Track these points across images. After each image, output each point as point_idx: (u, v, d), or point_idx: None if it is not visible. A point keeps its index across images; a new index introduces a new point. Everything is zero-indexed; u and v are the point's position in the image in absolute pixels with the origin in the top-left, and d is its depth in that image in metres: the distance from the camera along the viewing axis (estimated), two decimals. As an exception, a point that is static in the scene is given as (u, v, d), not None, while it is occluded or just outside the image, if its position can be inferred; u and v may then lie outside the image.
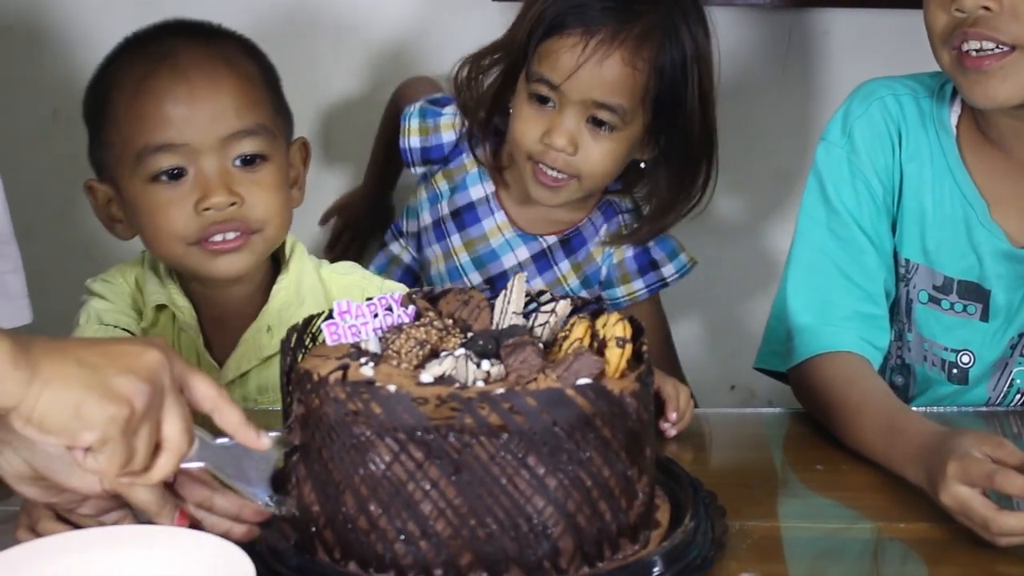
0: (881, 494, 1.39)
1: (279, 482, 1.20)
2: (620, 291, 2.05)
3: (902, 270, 1.69)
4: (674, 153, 1.91)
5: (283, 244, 1.71)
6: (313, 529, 1.15)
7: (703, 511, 1.24)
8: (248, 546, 1.11)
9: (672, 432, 1.52)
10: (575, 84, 1.80)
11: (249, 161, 1.60)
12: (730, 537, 1.25)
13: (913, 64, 1.72)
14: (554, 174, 1.86)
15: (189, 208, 1.58)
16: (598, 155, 1.85)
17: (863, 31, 2.37)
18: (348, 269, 1.80)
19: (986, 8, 1.48)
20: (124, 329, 1.65)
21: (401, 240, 2.12)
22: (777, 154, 2.43)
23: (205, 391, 1.15)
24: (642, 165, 1.94)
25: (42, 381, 1.03)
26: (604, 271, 2.04)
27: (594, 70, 1.79)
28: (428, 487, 1.09)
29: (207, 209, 1.57)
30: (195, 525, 1.16)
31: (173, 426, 1.10)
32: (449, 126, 2.01)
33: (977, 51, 1.49)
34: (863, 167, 1.66)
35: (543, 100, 1.84)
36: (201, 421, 1.16)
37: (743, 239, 2.47)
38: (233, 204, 1.58)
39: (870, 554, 1.30)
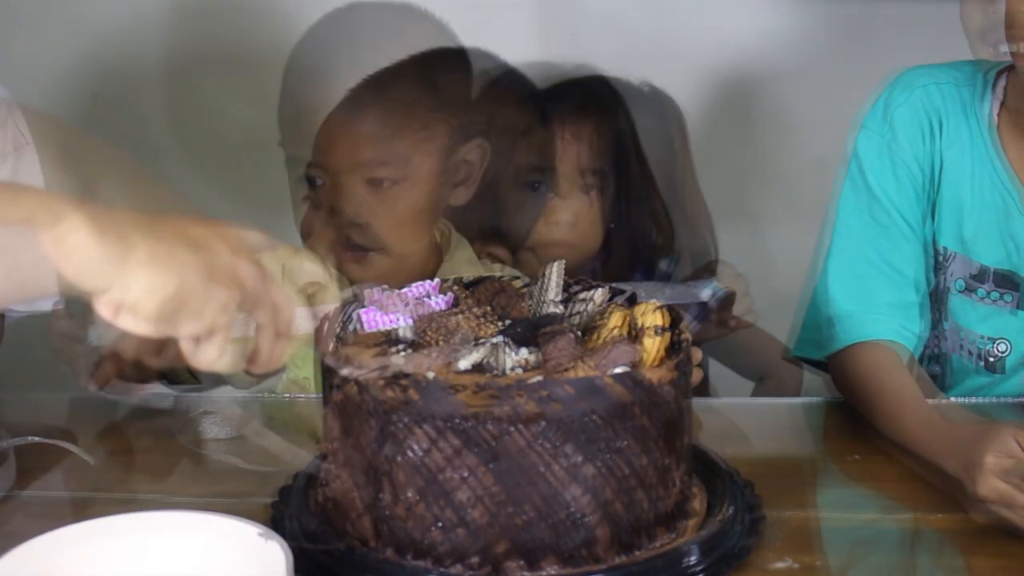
0: (918, 484, 1.39)
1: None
2: None
3: (939, 258, 1.69)
4: None
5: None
6: (350, 515, 1.16)
7: (739, 500, 1.24)
8: (284, 532, 1.11)
9: None
10: None
11: None
12: (766, 526, 1.25)
13: (953, 54, 1.71)
14: None
15: None
16: None
17: (903, 20, 2.35)
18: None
19: None
20: None
21: None
22: (813, 144, 2.41)
23: (311, 268, 1.06)
24: None
25: (137, 261, 0.88)
26: None
27: None
28: (465, 474, 1.09)
29: None
30: None
31: (290, 310, 1.00)
32: None
33: None
34: (903, 155, 1.66)
35: None
36: None
37: (777, 229, 2.46)
38: None
39: (907, 544, 1.30)
